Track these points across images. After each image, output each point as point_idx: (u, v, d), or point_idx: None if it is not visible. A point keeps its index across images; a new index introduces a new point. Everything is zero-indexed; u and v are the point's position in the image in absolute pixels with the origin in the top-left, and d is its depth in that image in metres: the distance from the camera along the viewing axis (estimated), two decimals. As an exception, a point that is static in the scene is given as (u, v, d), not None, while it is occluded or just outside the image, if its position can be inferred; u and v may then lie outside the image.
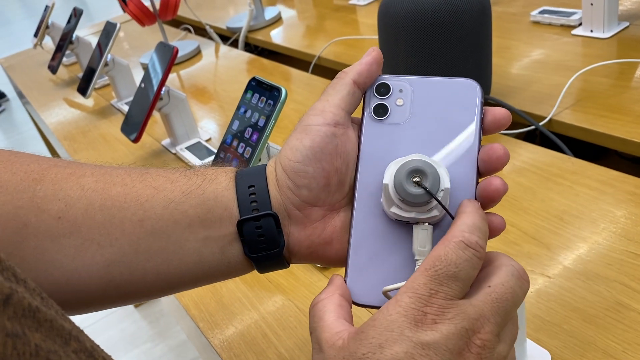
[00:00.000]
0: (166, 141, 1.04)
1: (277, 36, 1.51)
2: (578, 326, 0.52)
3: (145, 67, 1.44)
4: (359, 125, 0.39)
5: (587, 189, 0.67)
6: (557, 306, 0.54)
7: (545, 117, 0.84)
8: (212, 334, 0.61)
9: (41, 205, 0.36)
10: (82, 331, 0.24)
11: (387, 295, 0.34)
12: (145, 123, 0.93)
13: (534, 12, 1.13)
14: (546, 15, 1.11)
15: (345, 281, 0.36)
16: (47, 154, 2.04)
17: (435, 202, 0.34)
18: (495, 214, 0.36)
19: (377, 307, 0.34)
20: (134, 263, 0.37)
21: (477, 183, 0.36)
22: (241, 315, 0.62)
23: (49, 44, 1.78)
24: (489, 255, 0.33)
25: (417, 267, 0.34)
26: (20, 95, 1.64)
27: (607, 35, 1.00)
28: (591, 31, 1.02)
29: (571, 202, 0.66)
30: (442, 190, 0.34)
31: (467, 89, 0.38)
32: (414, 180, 0.33)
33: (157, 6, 1.36)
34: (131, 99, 1.17)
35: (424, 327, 0.29)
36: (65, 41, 1.44)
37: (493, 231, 0.35)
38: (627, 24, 1.02)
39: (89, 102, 1.34)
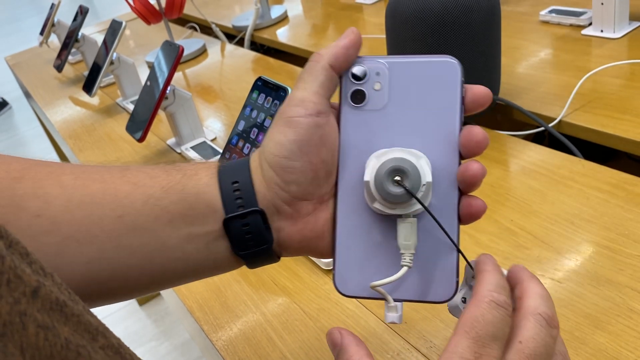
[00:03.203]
0: (171, 140, 1.04)
1: (283, 35, 1.50)
2: (589, 333, 0.51)
3: (150, 66, 1.44)
4: (337, 112, 0.38)
5: (598, 192, 0.66)
6: (568, 312, 0.53)
7: (554, 119, 0.83)
8: (216, 337, 0.60)
9: (20, 203, 0.35)
10: (107, 328, 0.24)
11: (376, 289, 0.35)
12: (150, 122, 0.92)
13: (543, 12, 1.12)
14: (555, 15, 1.10)
15: (333, 276, 0.37)
16: (53, 152, 2.04)
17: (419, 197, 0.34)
18: (476, 197, 0.36)
19: (365, 298, 0.36)
20: (115, 260, 0.36)
21: (460, 166, 0.35)
22: (245, 318, 0.61)
23: (55, 42, 1.77)
24: (515, 293, 0.34)
25: (402, 261, 0.34)
26: (27, 94, 1.64)
27: (618, 35, 0.99)
28: (601, 31, 1.01)
29: (582, 206, 0.65)
30: (424, 185, 0.33)
31: (447, 68, 0.36)
32: (395, 179, 0.33)
33: (163, 4, 1.35)
34: (136, 97, 1.16)
35: None
36: (71, 39, 1.44)
37: (475, 214, 0.36)
38: (637, 24, 1.01)
39: (94, 100, 1.33)
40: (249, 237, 0.37)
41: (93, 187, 0.37)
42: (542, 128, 0.83)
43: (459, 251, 0.35)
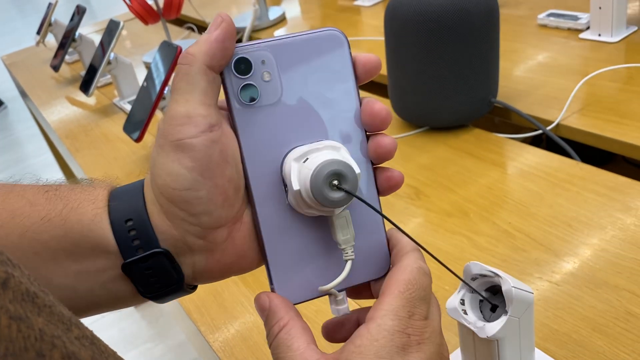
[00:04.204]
0: (168, 141, 1.03)
1: (281, 36, 1.50)
2: (587, 335, 0.51)
3: (148, 66, 1.43)
4: (227, 114, 0.33)
5: (595, 195, 0.66)
6: (565, 314, 0.53)
7: (552, 122, 0.83)
8: (213, 338, 0.60)
9: None
10: (79, 320, 0.23)
11: (323, 291, 0.34)
12: (148, 122, 0.92)
13: (541, 15, 1.12)
14: (553, 19, 1.10)
15: (272, 288, 0.34)
16: (48, 152, 2.03)
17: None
18: (392, 169, 0.35)
19: (310, 299, 0.35)
20: None
21: (367, 141, 0.35)
22: (243, 319, 0.61)
23: (52, 41, 1.77)
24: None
25: (344, 256, 0.34)
26: (23, 94, 1.64)
27: (615, 39, 0.99)
28: (599, 35, 1.01)
29: (580, 208, 0.65)
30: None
31: (333, 41, 0.34)
32: (333, 183, 0.31)
33: (161, 5, 1.35)
34: (133, 97, 1.16)
35: (411, 349, 0.30)
36: (68, 39, 1.43)
37: (395, 185, 0.35)
38: (635, 28, 1.01)
39: (91, 100, 1.33)
40: (154, 280, 0.33)
41: None
42: (540, 131, 0.83)
43: (395, 225, 0.35)
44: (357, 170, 0.32)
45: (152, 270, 0.32)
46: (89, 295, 0.33)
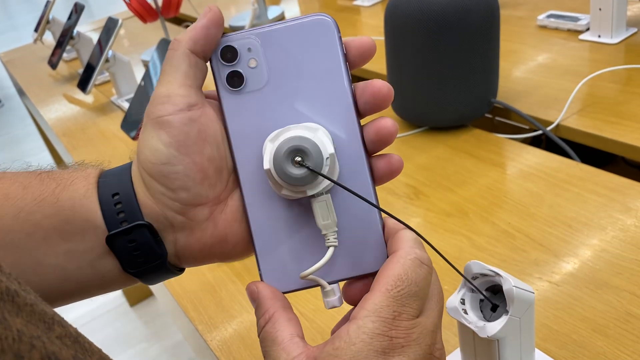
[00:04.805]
0: (166, 139, 1.03)
1: (280, 36, 1.49)
2: (587, 336, 0.50)
3: (146, 64, 1.43)
4: (215, 102, 0.34)
5: (595, 196, 0.66)
6: (565, 315, 0.53)
7: (552, 122, 0.83)
8: (210, 337, 0.59)
9: None
10: (62, 317, 0.22)
11: (307, 278, 0.33)
12: (145, 120, 0.91)
13: (541, 16, 1.12)
14: (553, 20, 1.10)
15: (260, 276, 0.34)
16: (45, 150, 2.02)
17: (325, 172, 0.32)
18: (391, 154, 0.34)
19: (300, 290, 0.34)
20: None
21: (361, 127, 0.33)
22: (241, 318, 0.61)
23: (50, 39, 1.76)
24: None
25: (326, 242, 0.32)
26: (20, 92, 1.63)
27: (615, 40, 0.99)
28: (599, 36, 1.01)
29: (579, 209, 0.65)
30: (327, 158, 0.31)
31: (321, 27, 0.33)
32: (296, 160, 0.31)
33: (160, 3, 1.34)
34: (131, 95, 1.15)
35: (393, 352, 0.28)
36: (65, 37, 1.43)
37: (395, 171, 0.34)
38: (635, 29, 1.01)
39: (88, 98, 1.32)
40: (138, 253, 0.33)
41: None
42: (540, 132, 0.83)
43: (380, 210, 0.33)
44: (325, 149, 0.31)
45: (135, 243, 0.33)
46: (78, 275, 0.34)
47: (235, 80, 0.33)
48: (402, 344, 0.28)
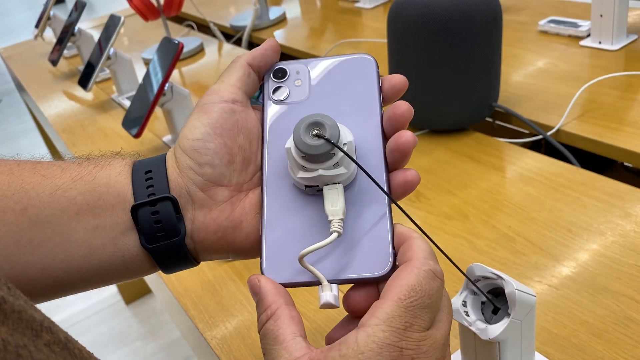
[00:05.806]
0: (167, 137, 1.03)
1: (280, 36, 1.50)
2: (587, 340, 0.51)
3: (147, 63, 1.43)
4: (260, 111, 0.39)
5: (595, 201, 0.66)
6: (565, 319, 0.53)
7: (552, 127, 0.83)
8: (210, 335, 0.59)
9: None
10: (54, 323, 0.22)
11: (304, 265, 0.32)
12: (147, 118, 0.91)
13: (542, 22, 1.13)
14: (554, 25, 1.10)
15: (261, 268, 0.34)
16: (44, 147, 2.02)
17: (339, 158, 0.33)
18: (410, 168, 0.36)
19: (298, 285, 0.33)
20: (14, 256, 0.33)
21: (385, 149, 0.36)
22: (241, 317, 0.61)
23: (50, 35, 1.76)
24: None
25: (331, 227, 0.33)
26: (20, 87, 1.63)
27: (616, 47, 1.00)
28: (599, 43, 1.02)
29: (579, 214, 0.65)
30: (345, 144, 0.34)
31: (363, 62, 0.39)
32: (314, 133, 0.33)
33: (162, 1, 1.35)
34: (132, 93, 1.15)
35: None
36: (66, 33, 1.43)
37: (411, 185, 0.35)
38: (635, 36, 1.02)
39: (88, 95, 1.32)
40: (159, 226, 0.35)
41: None
42: (540, 136, 0.83)
43: (396, 204, 0.34)
44: (344, 134, 0.34)
45: (158, 214, 0.35)
46: (101, 254, 0.35)
47: (280, 92, 0.39)
48: (412, 355, 0.28)
